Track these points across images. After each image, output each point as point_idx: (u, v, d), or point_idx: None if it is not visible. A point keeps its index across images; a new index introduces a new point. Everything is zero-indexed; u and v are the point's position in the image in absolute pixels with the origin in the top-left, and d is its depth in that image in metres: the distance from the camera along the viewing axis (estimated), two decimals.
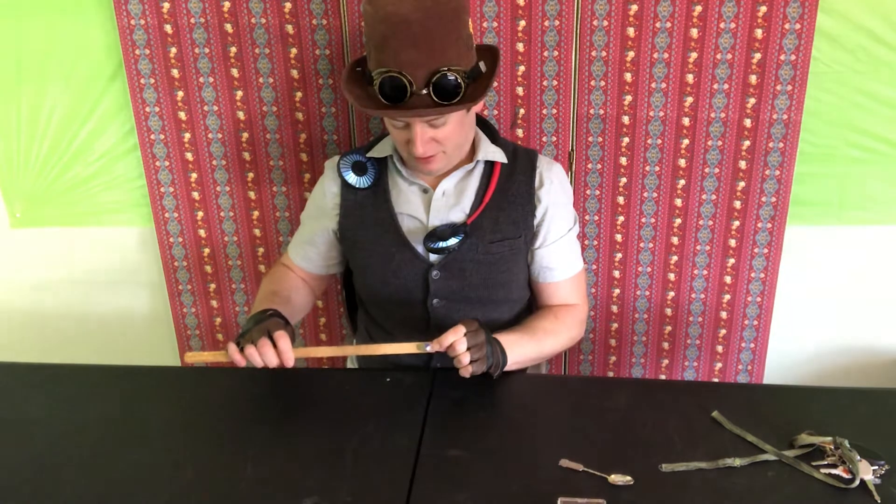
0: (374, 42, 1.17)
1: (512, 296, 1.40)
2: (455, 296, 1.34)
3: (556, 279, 1.39)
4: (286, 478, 1.05)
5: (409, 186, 1.35)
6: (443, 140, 1.24)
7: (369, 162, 1.36)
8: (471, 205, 1.33)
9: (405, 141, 1.24)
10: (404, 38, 1.14)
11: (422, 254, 1.32)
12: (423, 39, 1.15)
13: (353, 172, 1.35)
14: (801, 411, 1.16)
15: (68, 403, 1.25)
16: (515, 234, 1.33)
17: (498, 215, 1.32)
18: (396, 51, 1.15)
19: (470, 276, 1.33)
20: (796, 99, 1.56)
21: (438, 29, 1.16)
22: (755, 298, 1.76)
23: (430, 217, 1.32)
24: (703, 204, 1.68)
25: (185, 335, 1.92)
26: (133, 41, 1.62)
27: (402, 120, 1.21)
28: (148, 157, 1.73)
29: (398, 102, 1.17)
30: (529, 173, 1.35)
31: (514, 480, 1.03)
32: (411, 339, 1.34)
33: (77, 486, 1.05)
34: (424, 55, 1.15)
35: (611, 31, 1.55)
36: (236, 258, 1.83)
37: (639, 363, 1.87)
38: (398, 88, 1.16)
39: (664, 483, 1.02)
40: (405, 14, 1.13)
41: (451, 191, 1.34)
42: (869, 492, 0.99)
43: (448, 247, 1.29)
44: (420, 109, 1.17)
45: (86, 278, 1.95)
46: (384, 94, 1.17)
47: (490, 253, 1.32)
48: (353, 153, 1.37)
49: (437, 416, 1.17)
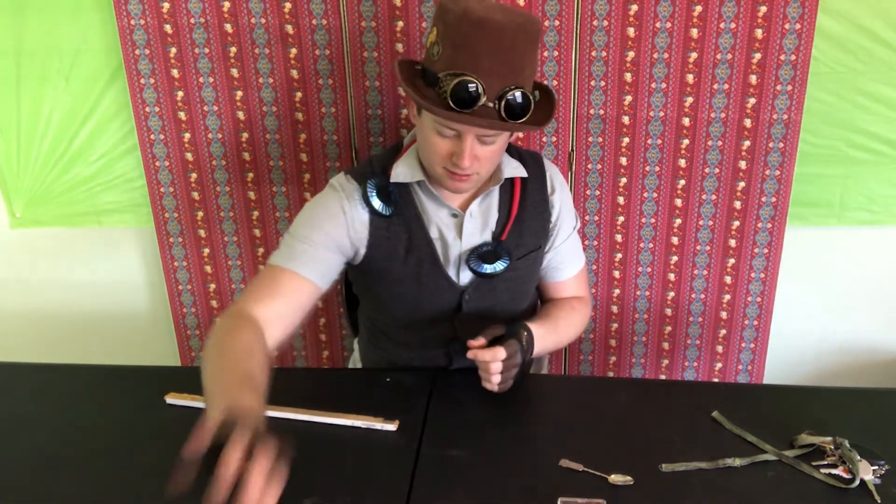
0: (454, 41, 1.10)
1: (529, 301, 1.41)
2: (484, 312, 1.32)
3: (565, 277, 1.39)
4: (286, 478, 1.05)
5: (438, 210, 1.28)
6: (483, 160, 1.18)
7: (392, 187, 1.26)
8: (495, 222, 1.30)
9: (448, 153, 1.16)
10: (490, 45, 1.08)
11: (455, 280, 1.29)
12: (507, 51, 1.09)
13: (377, 198, 1.25)
14: (801, 411, 1.16)
15: (68, 403, 1.25)
16: (536, 245, 1.32)
17: (522, 229, 1.30)
18: (478, 55, 1.08)
19: (500, 294, 1.31)
20: (796, 99, 1.56)
21: (523, 45, 1.11)
22: (755, 298, 1.76)
23: (464, 241, 1.28)
24: (703, 204, 1.68)
25: (185, 335, 1.92)
26: (133, 41, 1.62)
27: (457, 129, 1.14)
28: (148, 157, 1.73)
29: (466, 109, 1.10)
30: (541, 180, 1.33)
31: (514, 480, 1.03)
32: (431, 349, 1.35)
33: (77, 486, 1.05)
34: (505, 67, 1.10)
35: (611, 31, 1.55)
36: (236, 258, 1.83)
37: (639, 363, 1.87)
38: (473, 95, 1.08)
39: (664, 483, 1.02)
40: (498, 21, 1.08)
41: (478, 211, 1.29)
42: (869, 492, 0.99)
43: (495, 272, 1.27)
44: (487, 120, 1.10)
45: (86, 278, 1.95)
46: (457, 98, 1.09)
47: (517, 269, 1.30)
48: (374, 177, 1.26)
49: (437, 416, 1.17)
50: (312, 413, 1.16)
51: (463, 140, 1.14)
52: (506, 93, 1.10)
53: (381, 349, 1.43)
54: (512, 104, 1.10)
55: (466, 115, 1.10)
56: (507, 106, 1.10)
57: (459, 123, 1.12)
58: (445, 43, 1.11)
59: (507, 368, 1.15)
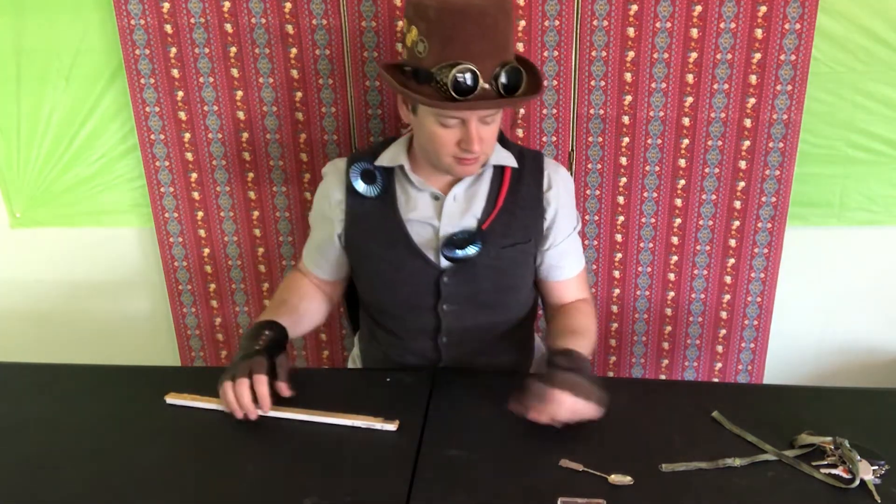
0: (440, 35, 1.14)
1: (521, 298, 1.40)
2: (466, 301, 1.33)
3: (565, 277, 1.39)
4: (286, 478, 1.05)
5: (419, 193, 1.32)
6: (486, 140, 1.22)
7: (378, 170, 1.33)
8: (482, 209, 1.32)
9: (455, 142, 1.20)
10: (476, 30, 1.13)
11: (433, 261, 1.31)
12: (492, 32, 1.14)
13: (361, 180, 1.32)
14: (801, 411, 1.16)
15: (68, 403, 1.25)
16: (525, 238, 1.33)
17: (509, 220, 1.31)
18: (468, 42, 1.13)
19: (482, 281, 1.32)
20: (796, 99, 1.56)
21: (504, 23, 1.16)
22: (755, 298, 1.76)
23: (443, 223, 1.31)
24: (703, 204, 1.68)
25: (185, 335, 1.92)
26: (133, 41, 1.62)
27: (461, 117, 1.17)
28: (148, 157, 1.73)
29: (468, 97, 1.14)
30: (538, 176, 1.34)
31: (514, 480, 1.03)
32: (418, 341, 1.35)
33: (77, 486, 1.05)
34: (493, 47, 1.14)
35: (611, 31, 1.55)
36: (236, 258, 1.83)
37: (639, 363, 1.87)
38: (470, 81, 1.13)
39: (664, 483, 1.02)
40: (479, 5, 1.12)
41: (462, 196, 1.32)
42: (869, 492, 0.99)
43: (466, 256, 1.28)
44: (489, 101, 1.15)
45: (86, 278, 1.95)
46: (457, 87, 1.13)
47: (501, 258, 1.31)
48: (361, 160, 1.34)
49: (437, 416, 1.17)
50: (312, 413, 1.16)
51: (468, 126, 1.18)
52: (499, 72, 1.15)
53: (376, 341, 1.45)
54: (507, 81, 1.16)
55: (469, 101, 1.14)
56: (502, 84, 1.16)
57: (465, 111, 1.16)
58: (431, 38, 1.15)
59: (573, 389, 1.10)
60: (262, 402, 1.13)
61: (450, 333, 1.35)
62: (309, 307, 1.39)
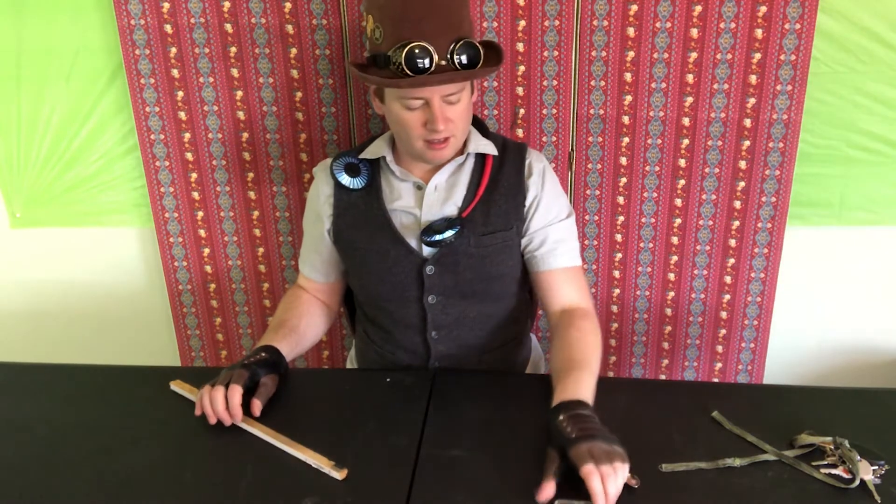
0: (391, 17, 1.18)
1: (507, 290, 1.39)
2: (450, 291, 1.34)
3: (553, 266, 1.33)
4: (286, 478, 1.05)
5: (401, 183, 1.35)
6: (455, 119, 1.24)
7: (362, 163, 1.36)
8: (463, 198, 1.33)
9: (421, 123, 1.23)
10: (425, 9, 1.17)
11: (416, 249, 1.32)
12: (443, 10, 1.18)
13: (346, 174, 1.35)
14: (801, 411, 1.16)
15: (68, 403, 1.25)
16: (506, 226, 1.33)
17: (489, 208, 1.32)
18: (417, 21, 1.16)
19: (463, 270, 1.32)
20: (796, 99, 1.56)
21: (457, 1, 1.20)
22: (755, 298, 1.76)
23: (424, 212, 1.33)
24: (703, 204, 1.68)
25: (185, 335, 1.92)
26: (133, 41, 1.62)
27: (422, 96, 1.20)
28: (148, 157, 1.73)
29: (422, 74, 1.17)
30: (518, 165, 1.36)
31: (514, 480, 1.03)
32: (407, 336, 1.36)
33: (77, 486, 1.05)
34: (445, 24, 1.18)
35: (611, 31, 1.55)
36: (236, 258, 1.83)
37: (639, 363, 1.87)
38: (424, 58, 1.16)
39: (664, 483, 1.02)
40: None
41: (443, 185, 1.34)
42: (869, 492, 0.99)
43: (444, 239, 1.28)
44: (446, 75, 1.18)
45: (86, 278, 1.96)
46: (411, 66, 1.16)
47: (482, 246, 1.32)
48: (345, 155, 1.38)
49: (437, 416, 1.18)
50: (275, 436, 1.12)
51: (431, 105, 1.21)
52: (454, 47, 1.18)
53: (369, 339, 1.46)
54: (463, 55, 1.19)
55: (426, 77, 1.17)
56: (459, 60, 1.19)
57: (423, 87, 1.19)
58: (384, 23, 1.19)
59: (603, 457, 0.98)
60: (232, 411, 1.14)
61: (438, 328, 1.35)
62: (310, 323, 1.40)
